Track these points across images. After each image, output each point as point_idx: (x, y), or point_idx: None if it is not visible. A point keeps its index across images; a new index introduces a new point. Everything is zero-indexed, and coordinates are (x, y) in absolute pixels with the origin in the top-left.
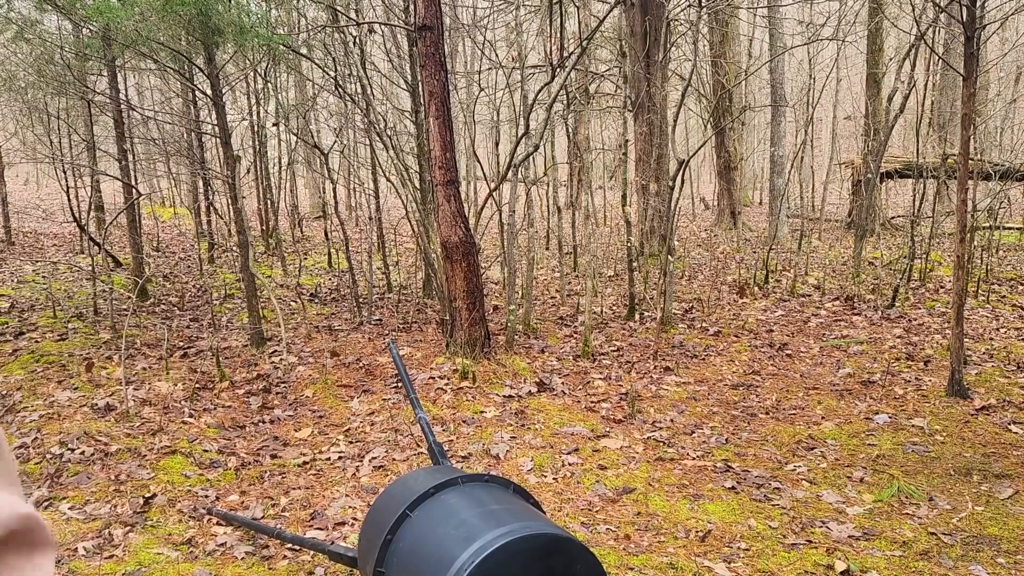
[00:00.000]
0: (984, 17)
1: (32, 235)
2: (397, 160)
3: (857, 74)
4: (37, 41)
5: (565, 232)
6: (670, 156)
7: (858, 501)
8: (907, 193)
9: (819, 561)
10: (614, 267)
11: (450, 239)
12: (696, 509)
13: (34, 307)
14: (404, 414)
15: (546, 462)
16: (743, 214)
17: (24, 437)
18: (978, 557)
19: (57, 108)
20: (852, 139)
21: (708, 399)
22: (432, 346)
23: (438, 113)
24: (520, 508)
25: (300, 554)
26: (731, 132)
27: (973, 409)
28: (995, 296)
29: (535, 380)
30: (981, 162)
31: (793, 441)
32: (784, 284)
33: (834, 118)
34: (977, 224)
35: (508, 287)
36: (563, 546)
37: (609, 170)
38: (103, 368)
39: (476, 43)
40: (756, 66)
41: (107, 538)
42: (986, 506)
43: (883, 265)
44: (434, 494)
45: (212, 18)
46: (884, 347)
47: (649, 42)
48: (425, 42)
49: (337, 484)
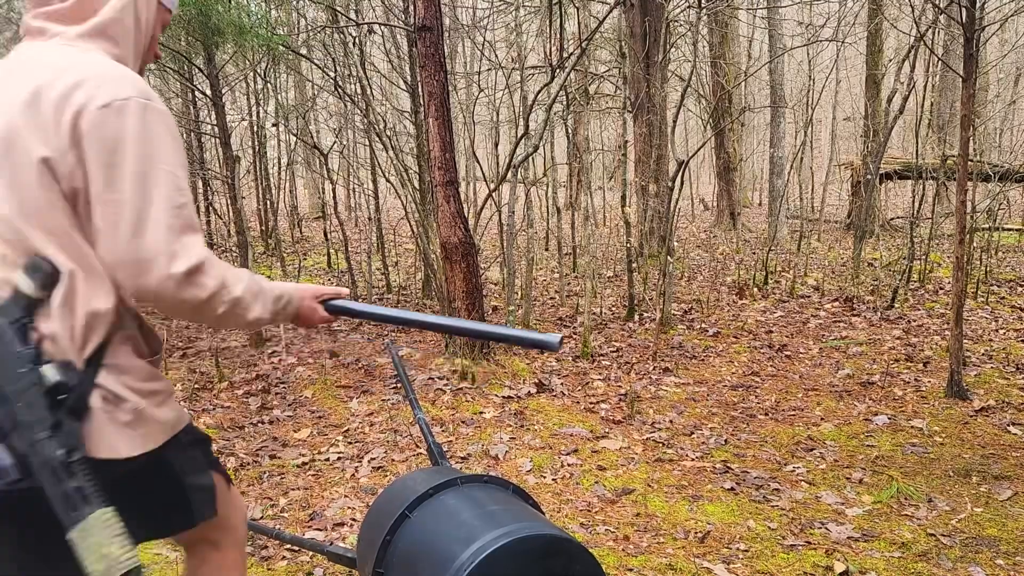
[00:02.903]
0: (983, 19)
1: None
2: (396, 161)
3: (857, 75)
4: None
5: (564, 233)
6: (669, 157)
7: (857, 502)
8: (906, 194)
9: (818, 562)
10: (613, 268)
11: (449, 240)
12: (695, 510)
13: None
14: (403, 415)
15: (545, 463)
16: (742, 215)
17: None
18: (977, 558)
19: None
20: (851, 140)
21: (707, 400)
22: (431, 347)
23: (437, 114)
24: (519, 509)
25: (299, 555)
26: (730, 133)
27: (972, 410)
28: (994, 297)
29: (534, 381)
30: (980, 163)
31: (792, 442)
32: (783, 285)
33: (833, 119)
34: (976, 225)
35: (507, 288)
36: (562, 547)
37: (609, 171)
38: None
39: (476, 44)
40: (756, 67)
41: None
42: (985, 507)
43: (882, 266)
44: (433, 495)
45: (212, 18)
46: (883, 348)
47: (649, 43)
48: (424, 43)
49: (336, 485)
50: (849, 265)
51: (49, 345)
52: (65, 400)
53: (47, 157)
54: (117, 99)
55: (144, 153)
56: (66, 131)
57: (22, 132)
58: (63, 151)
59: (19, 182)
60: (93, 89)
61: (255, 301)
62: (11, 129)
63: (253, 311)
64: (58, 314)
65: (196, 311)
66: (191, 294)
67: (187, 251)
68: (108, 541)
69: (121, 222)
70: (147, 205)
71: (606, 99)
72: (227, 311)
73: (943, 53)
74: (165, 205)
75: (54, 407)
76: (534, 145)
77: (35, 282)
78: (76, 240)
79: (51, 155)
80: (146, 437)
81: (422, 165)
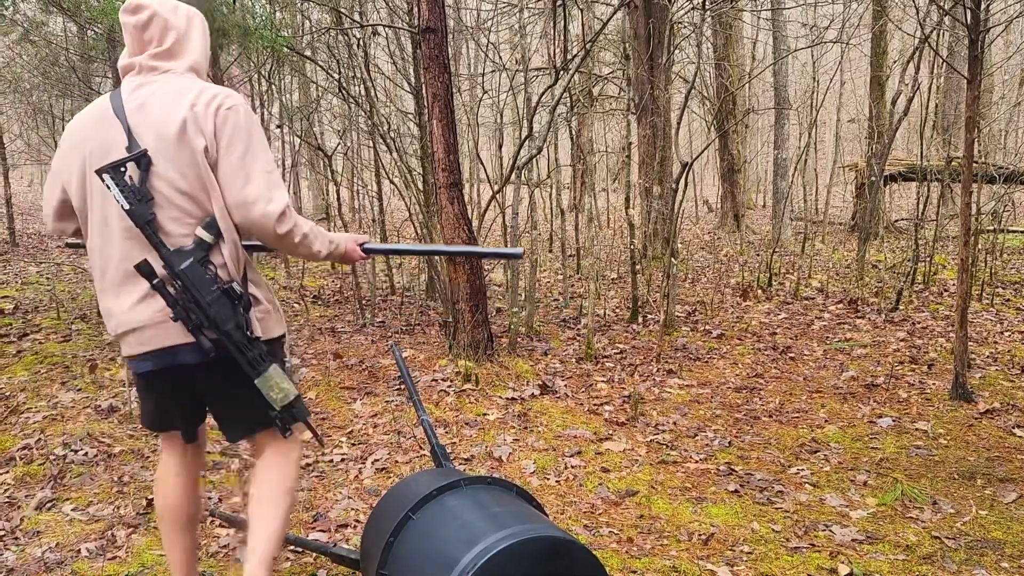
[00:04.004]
0: (988, 20)
1: (36, 237)
2: (400, 162)
3: (861, 77)
4: (42, 43)
5: (568, 235)
6: (673, 159)
7: (861, 504)
8: (911, 196)
9: (822, 565)
10: (617, 270)
11: (453, 241)
12: (699, 512)
13: (38, 308)
14: (407, 416)
15: (549, 464)
16: (746, 217)
17: (28, 438)
18: (982, 561)
19: (62, 110)
20: (856, 142)
21: (711, 402)
22: (435, 348)
23: (441, 115)
24: (523, 511)
25: (303, 556)
26: (735, 135)
27: (977, 413)
28: (999, 299)
29: (538, 382)
30: (985, 165)
31: (796, 444)
32: (787, 287)
33: (838, 121)
34: (981, 227)
35: (511, 289)
36: (565, 549)
37: (612, 173)
38: (106, 369)
39: (480, 45)
40: (760, 69)
41: (110, 539)
42: (990, 510)
43: (887, 268)
44: (437, 496)
45: (216, 20)
46: (888, 350)
47: (653, 45)
48: (429, 44)
49: (340, 486)
50: (853, 267)
51: (221, 272)
52: (238, 304)
53: (206, 147)
54: (234, 104)
55: (249, 136)
56: (211, 126)
57: (188, 133)
58: (211, 139)
59: (190, 167)
60: (222, 99)
61: (316, 239)
62: (180, 132)
63: (316, 245)
64: (223, 250)
65: (280, 239)
66: (280, 227)
67: (277, 197)
68: (280, 382)
69: (236, 178)
70: (252, 167)
71: (610, 101)
72: (300, 242)
73: (948, 55)
74: (262, 168)
75: (234, 308)
76: (538, 147)
77: (210, 232)
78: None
79: (207, 144)
80: (279, 324)
81: (426, 167)
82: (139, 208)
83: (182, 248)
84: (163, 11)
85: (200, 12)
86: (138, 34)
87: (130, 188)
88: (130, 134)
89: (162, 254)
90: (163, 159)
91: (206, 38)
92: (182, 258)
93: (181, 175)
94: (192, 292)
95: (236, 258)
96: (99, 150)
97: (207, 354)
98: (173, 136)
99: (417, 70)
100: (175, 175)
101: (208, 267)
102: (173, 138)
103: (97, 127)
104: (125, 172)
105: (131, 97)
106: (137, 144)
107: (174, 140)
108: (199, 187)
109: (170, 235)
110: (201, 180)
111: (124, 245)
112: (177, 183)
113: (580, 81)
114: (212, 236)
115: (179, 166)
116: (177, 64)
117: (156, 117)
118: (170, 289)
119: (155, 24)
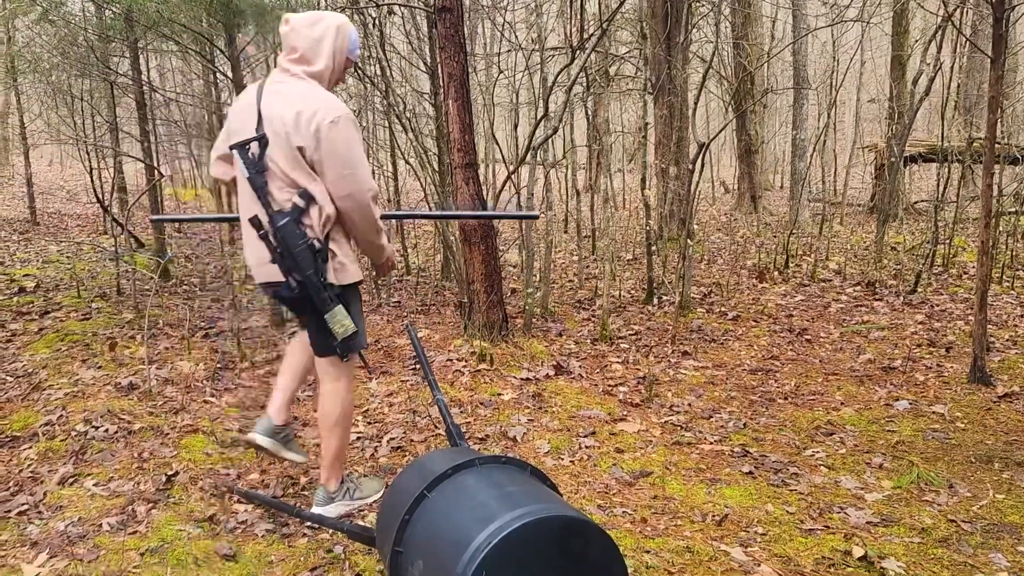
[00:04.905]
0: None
1: (56, 216)
2: (416, 142)
3: (882, 56)
4: (61, 23)
5: (584, 215)
6: (690, 139)
7: (877, 487)
8: (931, 177)
9: (836, 547)
10: (633, 251)
11: (468, 222)
12: (713, 493)
13: (59, 287)
14: (422, 396)
15: (563, 445)
16: (764, 198)
17: (50, 415)
18: (998, 545)
19: (80, 90)
20: (876, 122)
21: (726, 384)
22: (450, 328)
23: (457, 95)
24: (537, 490)
25: (319, 532)
26: (752, 115)
27: (995, 396)
28: (1020, 283)
29: (553, 363)
30: (1008, 146)
31: (812, 427)
32: (804, 269)
33: (858, 101)
34: (1003, 209)
35: (526, 270)
36: (580, 528)
37: (629, 153)
38: (126, 347)
39: (496, 25)
40: (779, 48)
41: (131, 514)
42: (1007, 494)
43: (906, 250)
44: (452, 475)
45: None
46: (905, 333)
47: (670, 24)
48: (444, 24)
49: (356, 464)
50: (872, 249)
51: (308, 231)
52: (319, 255)
53: (301, 146)
54: (338, 117)
55: (351, 144)
56: (311, 134)
57: (290, 132)
58: (310, 144)
59: (288, 156)
60: (324, 112)
61: (384, 232)
62: (286, 130)
63: (383, 237)
64: (312, 215)
65: (367, 219)
66: (372, 211)
67: (374, 189)
68: (342, 319)
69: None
70: (356, 165)
71: (626, 81)
72: (380, 229)
73: (971, 33)
74: (363, 166)
75: (315, 258)
76: (553, 127)
77: (303, 199)
78: (315, 182)
79: (303, 144)
80: (353, 275)
81: (441, 147)
82: (255, 178)
83: (283, 210)
84: (299, 26)
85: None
86: (285, 42)
87: (251, 161)
88: (260, 120)
89: (268, 212)
90: (275, 145)
91: (340, 48)
92: (282, 217)
93: (285, 159)
94: (286, 243)
95: (322, 222)
96: (239, 127)
97: (293, 291)
98: (281, 131)
99: (433, 50)
100: (280, 158)
101: (300, 226)
102: (281, 133)
103: (243, 108)
104: (249, 149)
105: (269, 89)
106: (262, 129)
107: (282, 134)
108: (297, 171)
109: (276, 199)
110: (299, 166)
111: (248, 201)
112: (282, 165)
113: (596, 61)
114: (304, 202)
115: (284, 153)
116: (303, 70)
117: (276, 112)
118: (272, 239)
119: (292, 36)
